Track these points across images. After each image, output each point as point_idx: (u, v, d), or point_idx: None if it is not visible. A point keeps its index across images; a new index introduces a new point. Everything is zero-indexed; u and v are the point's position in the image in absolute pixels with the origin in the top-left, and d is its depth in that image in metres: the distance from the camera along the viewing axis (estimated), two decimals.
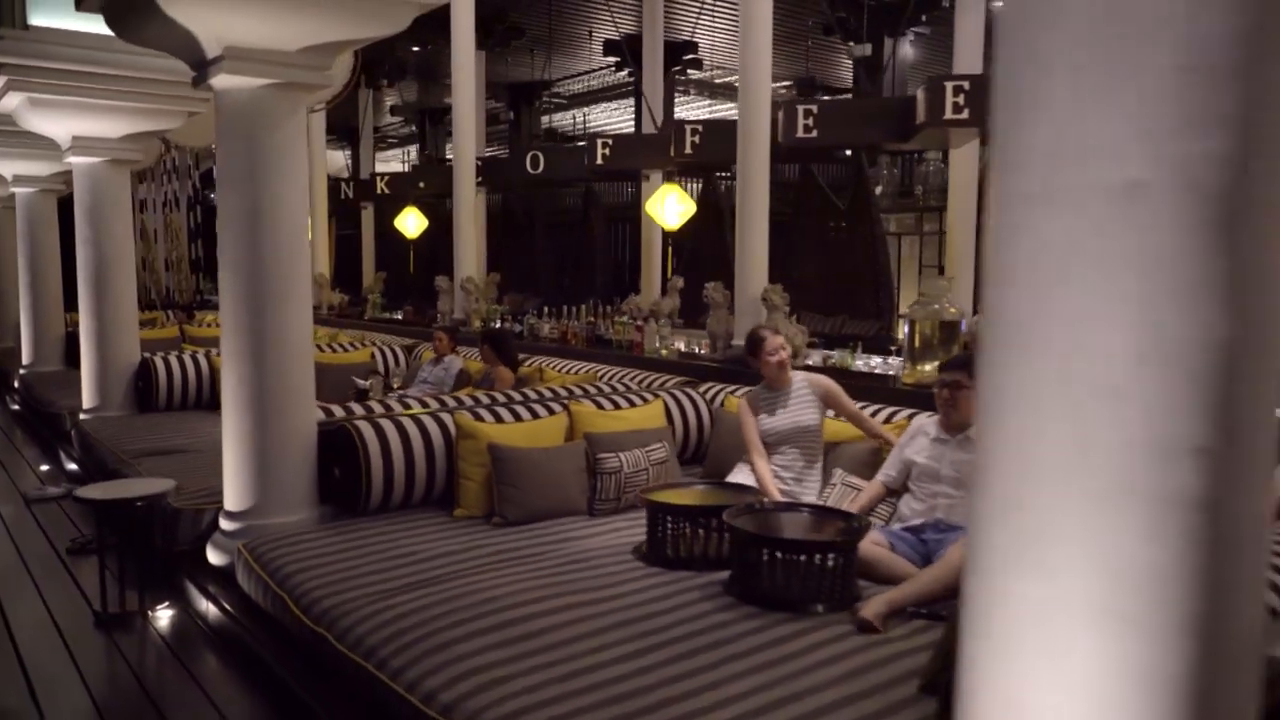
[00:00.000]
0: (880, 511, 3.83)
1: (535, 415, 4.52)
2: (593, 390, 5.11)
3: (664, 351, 6.45)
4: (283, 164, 3.99)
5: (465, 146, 8.06)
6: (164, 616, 4.02)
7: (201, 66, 3.92)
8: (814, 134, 6.23)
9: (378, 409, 4.70)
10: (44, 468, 6.87)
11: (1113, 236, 1.15)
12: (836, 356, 5.64)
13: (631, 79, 13.34)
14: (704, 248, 9.63)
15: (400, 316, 10.45)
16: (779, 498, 3.96)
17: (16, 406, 9.48)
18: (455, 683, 2.54)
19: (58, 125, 6.40)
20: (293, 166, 4.04)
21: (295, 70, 3.91)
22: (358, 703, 2.87)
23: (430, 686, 2.56)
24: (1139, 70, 1.13)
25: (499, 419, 4.41)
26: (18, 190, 9.04)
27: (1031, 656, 1.25)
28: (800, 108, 6.37)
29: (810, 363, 5.61)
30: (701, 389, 5.31)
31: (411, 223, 10.80)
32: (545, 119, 16.89)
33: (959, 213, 6.89)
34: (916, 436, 3.75)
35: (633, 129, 13.51)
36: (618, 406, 4.77)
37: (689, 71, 14.04)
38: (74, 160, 6.69)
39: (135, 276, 7.13)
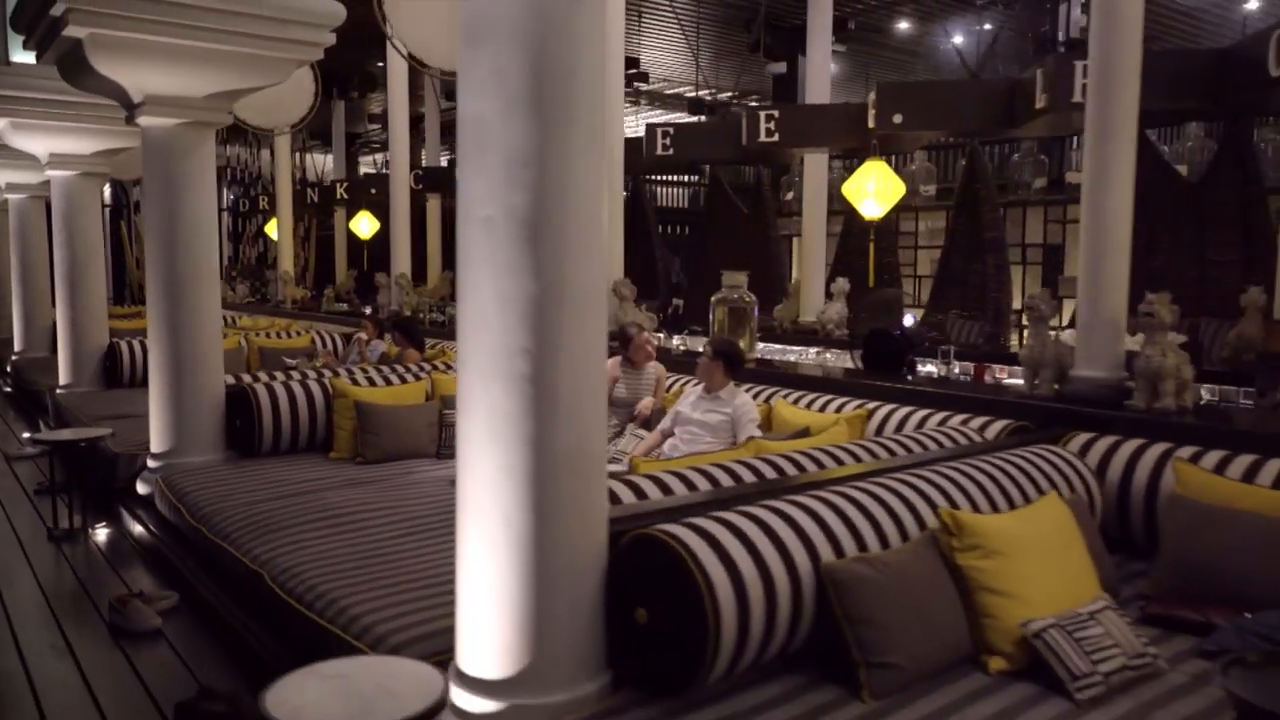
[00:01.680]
0: None
1: (404, 381, 5.67)
2: None
3: None
4: (194, 183, 5.14)
5: (400, 158, 9.20)
6: (101, 533, 5.18)
7: (130, 108, 5.07)
8: (670, 152, 7.32)
9: (280, 376, 5.84)
10: (25, 434, 8.04)
11: (482, 244, 2.29)
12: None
13: None
14: (636, 247, 10.79)
15: (348, 308, 11.60)
16: None
17: (9, 389, 10.67)
18: (275, 549, 3.69)
19: (37, 144, 7.55)
20: (203, 184, 5.18)
21: (202, 112, 5.06)
22: (220, 574, 4.02)
23: (258, 553, 3.70)
24: (487, 160, 2.26)
25: (371, 383, 5.56)
26: (10, 196, 10.15)
27: (471, 463, 2.39)
28: (659, 129, 7.49)
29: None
30: None
31: (364, 225, 11.95)
32: None
33: (811, 218, 7.97)
34: (687, 396, 4.88)
35: None
36: None
37: (636, 84, 15.15)
38: (52, 174, 7.84)
39: (104, 273, 8.27)
